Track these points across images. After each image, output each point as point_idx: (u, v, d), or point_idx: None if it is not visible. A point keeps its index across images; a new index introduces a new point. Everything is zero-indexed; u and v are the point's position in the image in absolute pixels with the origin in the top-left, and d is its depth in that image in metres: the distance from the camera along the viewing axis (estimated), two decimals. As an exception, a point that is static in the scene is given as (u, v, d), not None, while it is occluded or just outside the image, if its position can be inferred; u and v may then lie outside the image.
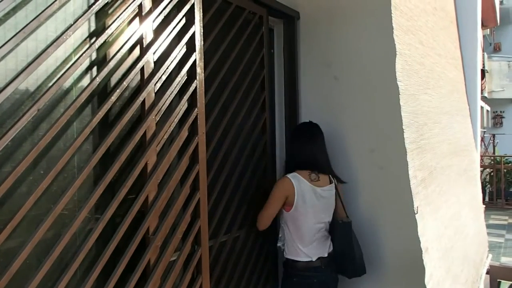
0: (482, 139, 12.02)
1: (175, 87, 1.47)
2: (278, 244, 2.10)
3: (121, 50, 1.27)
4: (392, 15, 2.05)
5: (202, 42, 1.59)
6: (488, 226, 7.25)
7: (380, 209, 2.16)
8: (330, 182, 2.06)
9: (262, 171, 2.17)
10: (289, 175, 1.97)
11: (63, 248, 1.07)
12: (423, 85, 2.48)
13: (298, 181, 1.95)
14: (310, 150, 2.04)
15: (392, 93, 2.05)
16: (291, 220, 1.98)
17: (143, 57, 1.34)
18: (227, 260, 1.90)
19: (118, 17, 1.26)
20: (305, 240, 1.97)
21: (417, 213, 2.04)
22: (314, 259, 1.97)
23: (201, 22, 1.58)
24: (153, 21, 1.40)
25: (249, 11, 2.09)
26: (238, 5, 1.98)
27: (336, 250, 2.04)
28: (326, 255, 2.01)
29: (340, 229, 2.05)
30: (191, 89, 1.53)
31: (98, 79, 1.19)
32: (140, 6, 1.35)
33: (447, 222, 2.59)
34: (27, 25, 1.03)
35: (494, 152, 12.35)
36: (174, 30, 1.48)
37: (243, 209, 2.00)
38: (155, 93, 1.39)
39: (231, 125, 1.94)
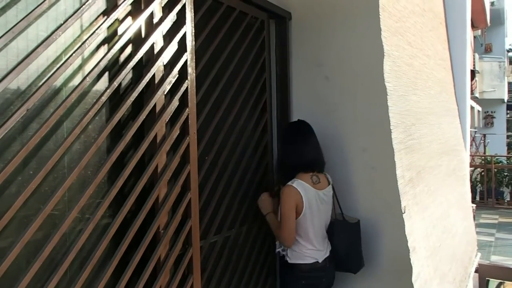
0: (474, 139, 12.15)
1: (166, 87, 1.48)
2: (278, 250, 2.08)
3: (112, 50, 1.27)
4: (380, 16, 2.08)
5: (194, 42, 1.60)
6: (479, 225, 7.34)
7: (369, 208, 2.19)
8: (328, 184, 2.08)
9: (263, 170, 2.23)
10: (294, 184, 1.92)
11: (52, 248, 1.07)
12: (412, 86, 2.51)
13: (304, 188, 1.92)
14: (309, 151, 2.01)
15: (380, 94, 2.08)
16: (298, 226, 1.95)
17: (134, 56, 1.34)
18: (229, 257, 1.94)
19: (109, 16, 1.26)
20: (312, 244, 1.98)
21: (404, 212, 2.07)
22: (320, 261, 1.98)
23: (193, 22, 1.59)
24: (145, 21, 1.40)
25: (252, 16, 2.16)
26: (241, 10, 2.07)
27: (341, 250, 2.04)
28: (329, 254, 2.03)
29: (349, 230, 2.07)
30: (183, 89, 1.54)
31: (88, 79, 1.19)
32: (131, 6, 1.36)
33: (435, 221, 2.63)
34: (16, 24, 1.03)
35: (485, 152, 12.50)
36: (165, 30, 1.49)
37: (245, 206, 2.05)
38: (145, 93, 1.40)
39: (234, 126, 2.00)
